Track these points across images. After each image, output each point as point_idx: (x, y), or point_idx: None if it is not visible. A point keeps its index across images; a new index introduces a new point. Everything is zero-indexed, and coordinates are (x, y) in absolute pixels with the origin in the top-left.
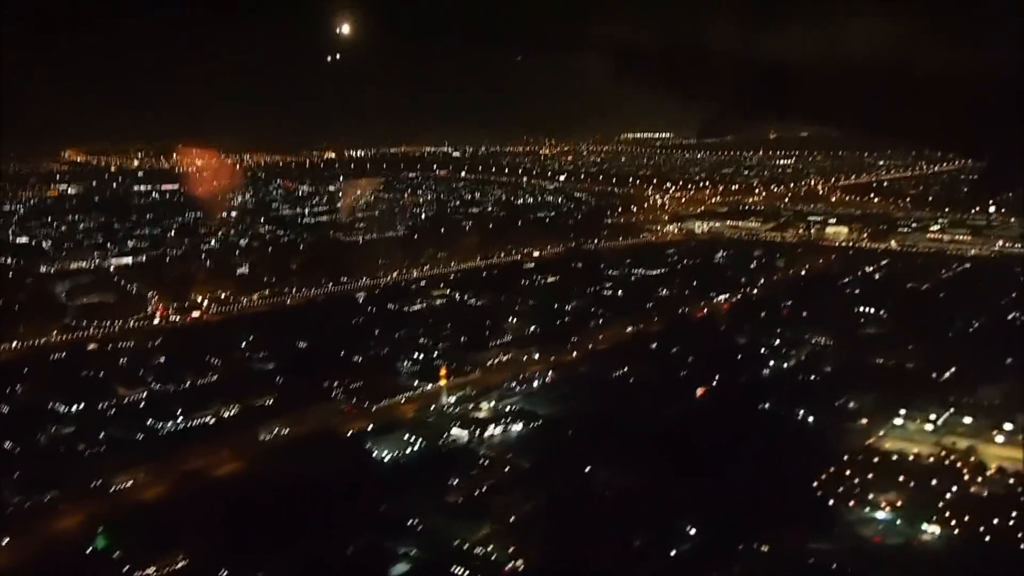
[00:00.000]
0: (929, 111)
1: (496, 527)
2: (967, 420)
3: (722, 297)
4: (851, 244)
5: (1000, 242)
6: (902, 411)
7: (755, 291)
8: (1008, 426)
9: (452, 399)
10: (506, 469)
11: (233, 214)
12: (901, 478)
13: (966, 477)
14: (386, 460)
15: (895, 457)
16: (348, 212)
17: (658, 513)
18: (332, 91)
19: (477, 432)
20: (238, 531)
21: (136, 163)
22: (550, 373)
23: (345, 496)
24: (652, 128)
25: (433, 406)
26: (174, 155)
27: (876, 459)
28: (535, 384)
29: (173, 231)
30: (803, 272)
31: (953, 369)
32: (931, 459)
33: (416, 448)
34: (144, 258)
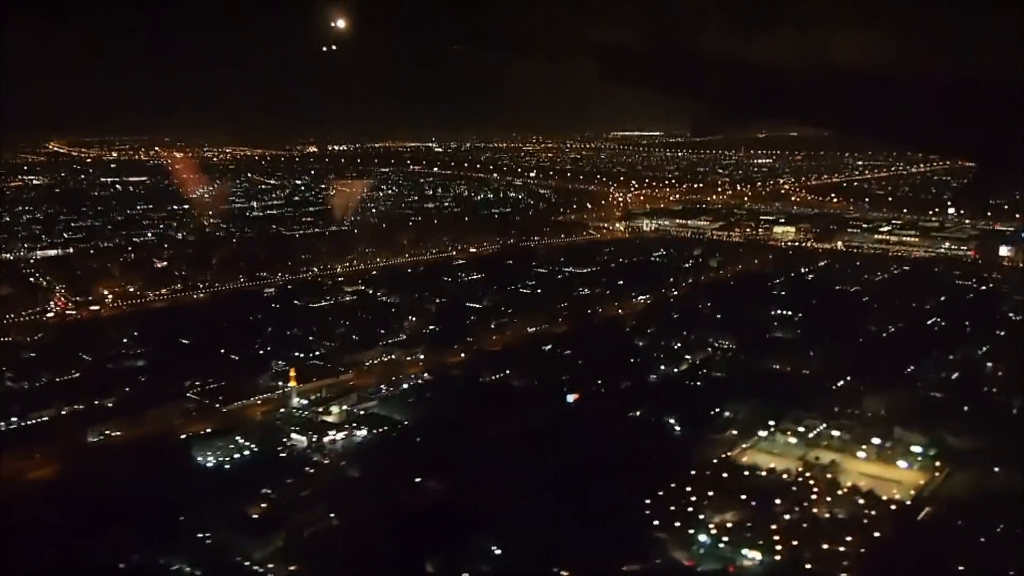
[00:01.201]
0: (922, 114)
1: (287, 543)
2: (837, 433)
3: (642, 298)
4: (796, 244)
5: (946, 244)
6: (772, 422)
7: (678, 292)
8: (877, 440)
9: (306, 401)
10: (328, 479)
11: (185, 207)
12: (744, 496)
13: (814, 496)
14: (209, 466)
15: (747, 472)
16: (300, 206)
17: (469, 529)
18: (323, 87)
19: (316, 438)
20: None
21: (115, 155)
22: (425, 375)
23: (144, 506)
24: (643, 126)
25: (283, 409)
26: (155, 148)
27: (726, 474)
28: (403, 387)
29: (114, 224)
30: (734, 273)
31: (848, 377)
32: (785, 475)
33: (245, 454)
34: (72, 250)
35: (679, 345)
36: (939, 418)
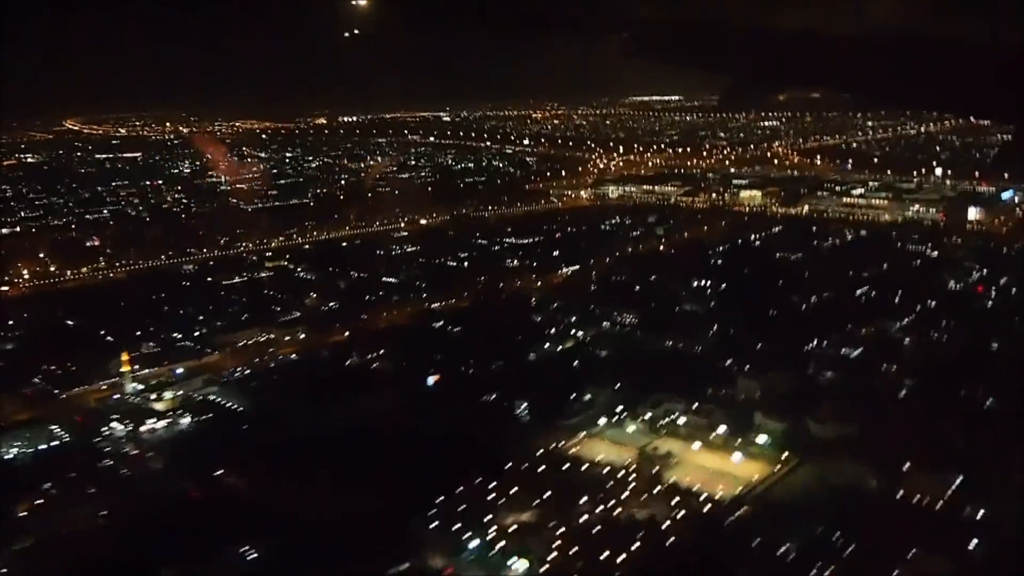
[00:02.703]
0: (953, 77)
1: (40, 541)
2: (692, 419)
3: (567, 269)
4: (759, 209)
5: (916, 207)
6: (624, 407)
7: (607, 263)
8: (726, 429)
9: (142, 387)
10: (120, 472)
11: (159, 182)
12: (550, 493)
13: (626, 494)
14: (6, 458)
15: (569, 465)
16: (271, 179)
17: (233, 532)
18: (342, 60)
19: (133, 427)
20: None
21: (124, 132)
22: (292, 356)
23: None
24: (665, 91)
25: (119, 395)
26: (166, 124)
27: (545, 467)
28: (258, 370)
29: (77, 201)
30: (678, 241)
31: (739, 356)
32: (608, 468)
33: (52, 445)
34: (19, 229)
35: (575, 320)
36: (812, 403)
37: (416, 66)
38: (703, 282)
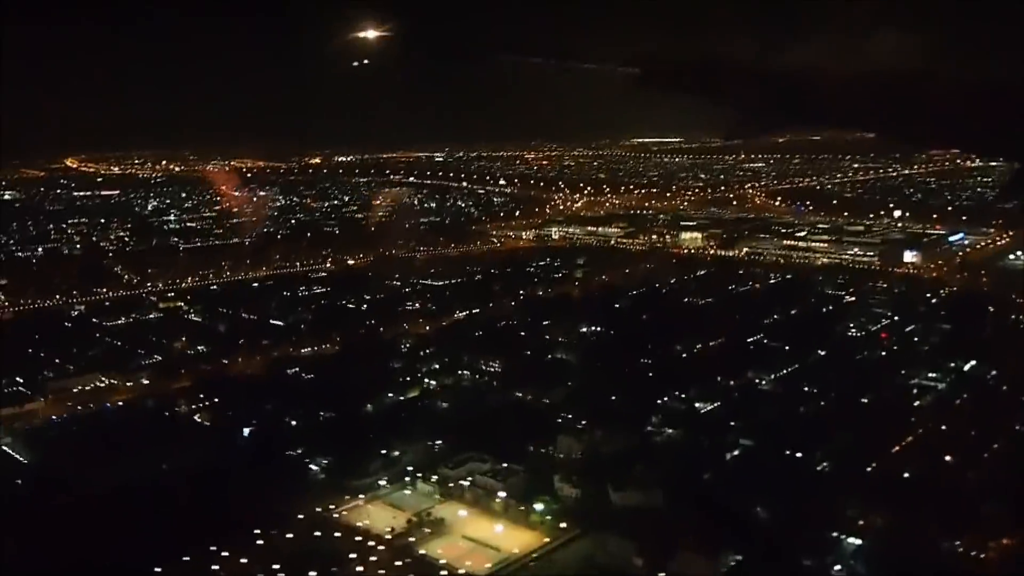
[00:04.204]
0: (958, 115)
1: None
2: (489, 482)
3: (460, 314)
4: (695, 252)
5: (854, 250)
6: (415, 468)
7: (504, 308)
8: (510, 496)
9: None
10: None
11: (115, 220)
12: (277, 566)
13: (360, 568)
14: None
15: (322, 532)
16: (223, 218)
17: None
18: (344, 100)
19: None
20: None
21: (117, 170)
22: (120, 403)
23: None
24: (668, 133)
25: None
26: (162, 163)
27: (294, 534)
28: (76, 418)
29: (19, 239)
30: (591, 285)
31: (587, 411)
32: (362, 537)
33: None
34: None
35: (435, 368)
36: (626, 466)
37: (426, 106)
38: (592, 328)
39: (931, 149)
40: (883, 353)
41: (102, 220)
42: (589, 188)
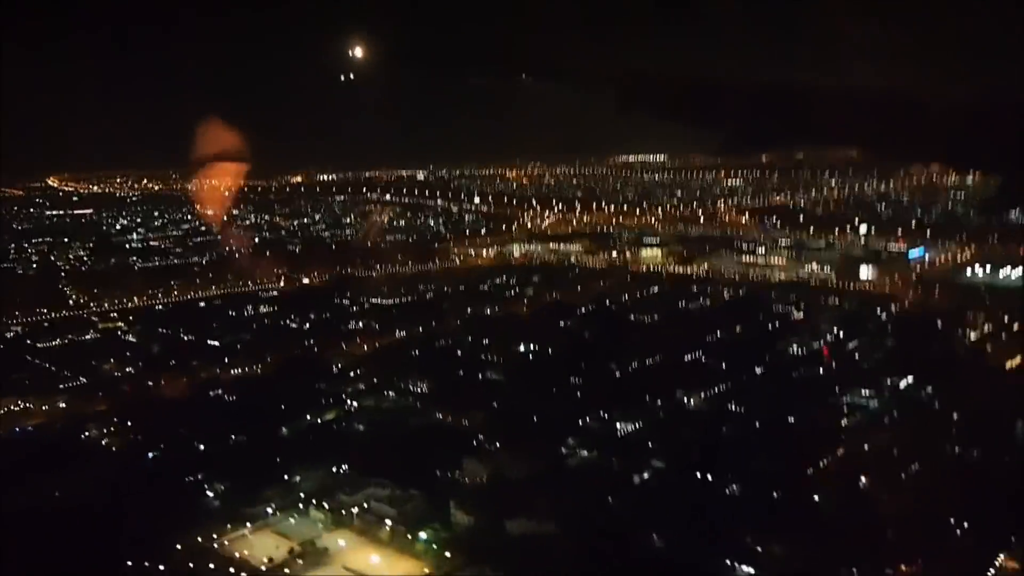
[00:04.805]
0: (940, 130)
1: None
2: (382, 510)
3: (400, 334)
4: (654, 267)
5: (811, 266)
6: (307, 495)
7: (446, 327)
8: (394, 524)
9: None
10: None
11: (79, 240)
12: None
13: None
14: None
15: (197, 563)
16: (188, 237)
17: None
18: (330, 117)
19: None
20: None
21: (96, 189)
22: (29, 428)
23: None
24: (658, 150)
25: None
26: (143, 182)
27: (166, 565)
28: None
29: None
30: (543, 302)
31: (500, 434)
32: (237, 568)
33: None
34: None
35: (360, 389)
36: (524, 492)
37: (417, 125)
38: (530, 347)
39: (916, 163)
40: (820, 371)
41: (65, 239)
42: (562, 206)
